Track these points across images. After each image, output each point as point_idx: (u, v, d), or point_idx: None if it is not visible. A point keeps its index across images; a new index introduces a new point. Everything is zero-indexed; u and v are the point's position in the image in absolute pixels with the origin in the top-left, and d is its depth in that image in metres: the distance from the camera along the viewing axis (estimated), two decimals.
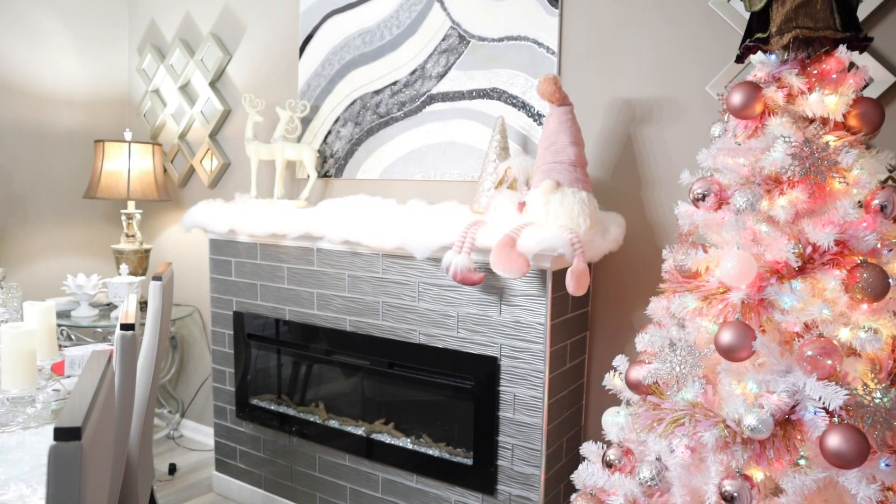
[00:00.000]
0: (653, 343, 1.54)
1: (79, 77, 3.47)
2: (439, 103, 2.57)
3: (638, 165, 2.21)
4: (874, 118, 1.40)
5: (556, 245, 1.86)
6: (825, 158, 1.34)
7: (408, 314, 2.27)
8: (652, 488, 1.46)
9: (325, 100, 2.88)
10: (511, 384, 2.06)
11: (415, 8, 2.62)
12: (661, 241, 2.16)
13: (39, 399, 1.76)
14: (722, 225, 1.48)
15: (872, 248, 1.35)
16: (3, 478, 1.35)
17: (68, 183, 3.44)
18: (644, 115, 2.18)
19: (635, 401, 1.60)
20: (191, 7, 3.36)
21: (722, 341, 1.36)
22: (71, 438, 0.94)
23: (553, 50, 2.31)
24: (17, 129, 3.24)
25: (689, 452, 1.39)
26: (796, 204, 1.38)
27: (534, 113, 2.35)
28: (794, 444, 1.30)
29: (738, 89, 1.46)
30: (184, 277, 3.48)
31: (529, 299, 2.00)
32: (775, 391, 1.32)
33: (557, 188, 1.94)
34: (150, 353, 2.00)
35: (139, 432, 1.94)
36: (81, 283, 2.99)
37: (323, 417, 2.56)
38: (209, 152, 3.30)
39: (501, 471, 2.11)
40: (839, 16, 1.40)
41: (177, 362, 3.53)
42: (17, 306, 2.25)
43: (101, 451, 1.16)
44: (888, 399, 1.24)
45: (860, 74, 1.42)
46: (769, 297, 1.37)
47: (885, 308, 1.34)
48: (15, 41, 3.20)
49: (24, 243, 3.30)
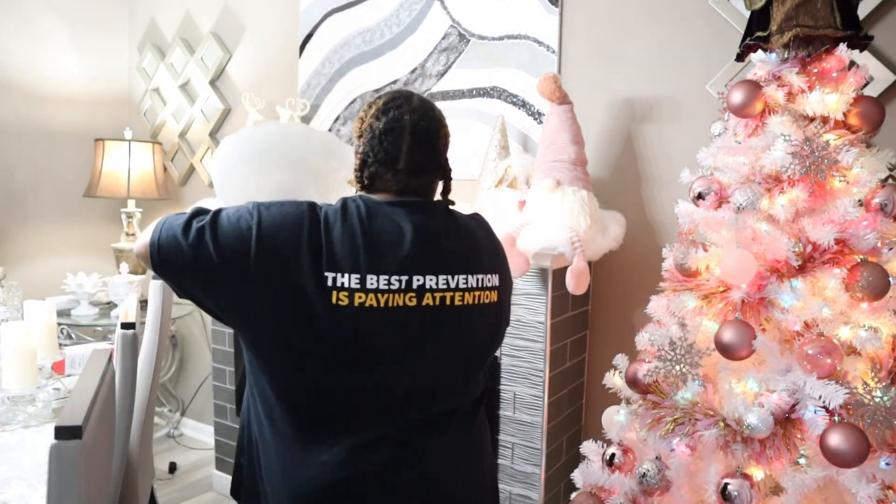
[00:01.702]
0: (653, 342, 1.54)
1: (79, 76, 3.46)
2: (439, 102, 2.57)
3: (638, 164, 2.21)
4: (874, 117, 1.40)
5: (556, 244, 1.85)
6: (825, 157, 1.34)
7: None
8: (652, 487, 1.46)
9: (325, 98, 2.88)
10: (511, 383, 2.07)
11: (415, 6, 2.61)
12: (662, 239, 2.16)
13: (40, 398, 1.76)
14: (722, 223, 1.48)
15: (873, 246, 1.35)
16: (4, 476, 1.35)
17: (68, 182, 3.44)
18: (644, 113, 2.18)
19: (635, 399, 1.60)
20: (191, 6, 3.36)
21: (722, 340, 1.36)
22: (71, 437, 0.95)
23: (553, 49, 2.31)
24: (18, 128, 3.24)
25: (689, 451, 1.39)
26: (796, 202, 1.38)
27: (534, 112, 2.35)
28: (794, 443, 1.30)
29: (738, 88, 1.46)
30: None
31: (529, 298, 2.00)
32: (775, 390, 1.32)
33: (557, 187, 1.94)
34: (150, 352, 2.00)
35: (139, 431, 1.94)
36: (82, 282, 2.99)
37: None
38: (209, 151, 3.30)
39: (502, 469, 2.11)
40: (839, 14, 1.40)
41: (177, 361, 3.53)
42: (17, 305, 2.25)
43: (102, 450, 1.16)
44: (888, 398, 1.24)
45: (860, 73, 1.42)
46: (769, 295, 1.37)
47: (885, 307, 1.34)
48: (15, 40, 3.20)
49: (24, 242, 3.30)
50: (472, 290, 1.14)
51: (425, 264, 1.10)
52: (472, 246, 1.18)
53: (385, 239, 1.09)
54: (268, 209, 1.09)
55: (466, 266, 1.14)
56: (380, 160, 1.13)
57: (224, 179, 1.50)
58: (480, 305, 1.15)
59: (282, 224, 1.06)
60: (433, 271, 1.10)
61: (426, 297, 1.10)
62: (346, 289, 1.04)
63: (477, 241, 1.19)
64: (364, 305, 1.05)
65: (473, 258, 1.16)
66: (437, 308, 1.10)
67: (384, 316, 1.07)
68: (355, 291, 1.05)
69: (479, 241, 1.20)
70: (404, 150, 1.13)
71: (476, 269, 1.15)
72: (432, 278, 1.10)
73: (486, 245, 1.21)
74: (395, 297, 1.07)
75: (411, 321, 1.09)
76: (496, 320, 1.21)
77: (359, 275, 1.05)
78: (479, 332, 1.19)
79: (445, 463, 1.17)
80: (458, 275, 1.12)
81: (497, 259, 1.22)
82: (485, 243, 1.21)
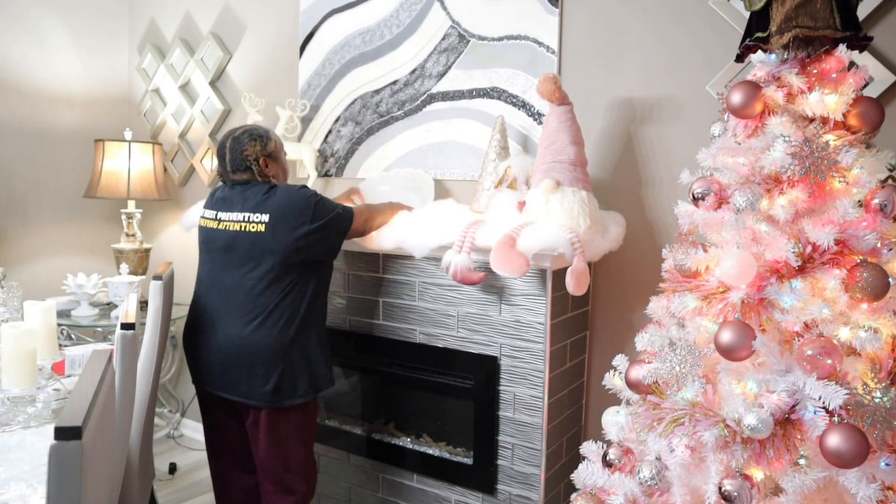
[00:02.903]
0: (653, 342, 1.54)
1: (79, 76, 3.47)
2: (439, 102, 2.57)
3: (638, 165, 2.21)
4: (874, 117, 1.40)
5: (556, 244, 1.86)
6: (825, 158, 1.34)
7: (408, 313, 2.27)
8: (652, 488, 1.46)
9: (325, 99, 2.88)
10: (511, 384, 2.06)
11: (415, 7, 2.61)
12: (661, 240, 2.16)
13: (40, 398, 1.76)
14: (722, 224, 1.48)
15: (872, 247, 1.35)
16: (4, 477, 1.35)
17: (68, 182, 3.44)
18: (644, 114, 2.19)
19: (635, 400, 1.60)
20: (191, 6, 3.36)
21: (722, 341, 1.36)
22: (71, 438, 0.95)
23: (553, 49, 2.31)
24: (17, 129, 3.24)
25: (689, 452, 1.39)
26: (796, 203, 1.38)
27: (534, 112, 2.35)
28: (794, 444, 1.30)
29: (737, 88, 1.46)
30: (184, 277, 3.48)
31: (529, 299, 2.00)
32: (775, 391, 1.32)
33: (557, 187, 1.94)
34: (150, 353, 2.01)
35: (139, 431, 1.94)
36: (82, 283, 2.99)
37: (322, 417, 2.56)
38: (209, 151, 3.30)
39: (501, 470, 2.11)
40: (839, 15, 1.40)
41: (177, 361, 3.53)
42: (17, 306, 2.25)
43: (102, 451, 1.16)
44: (888, 398, 1.24)
45: (860, 74, 1.41)
46: (769, 296, 1.37)
47: (884, 307, 1.34)
48: (15, 40, 3.21)
49: (24, 243, 3.30)
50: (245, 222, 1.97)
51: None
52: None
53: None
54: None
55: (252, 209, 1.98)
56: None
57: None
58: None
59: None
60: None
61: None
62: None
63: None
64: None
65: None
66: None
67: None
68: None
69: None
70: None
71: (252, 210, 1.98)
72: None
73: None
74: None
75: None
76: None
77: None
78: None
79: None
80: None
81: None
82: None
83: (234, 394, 1.97)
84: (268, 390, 1.92)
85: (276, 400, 1.94)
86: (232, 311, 1.95)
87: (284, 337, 1.94)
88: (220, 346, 1.96)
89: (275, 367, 1.93)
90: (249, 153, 2.01)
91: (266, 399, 1.93)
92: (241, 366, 1.93)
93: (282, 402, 1.94)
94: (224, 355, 1.95)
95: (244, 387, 1.94)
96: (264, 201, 1.95)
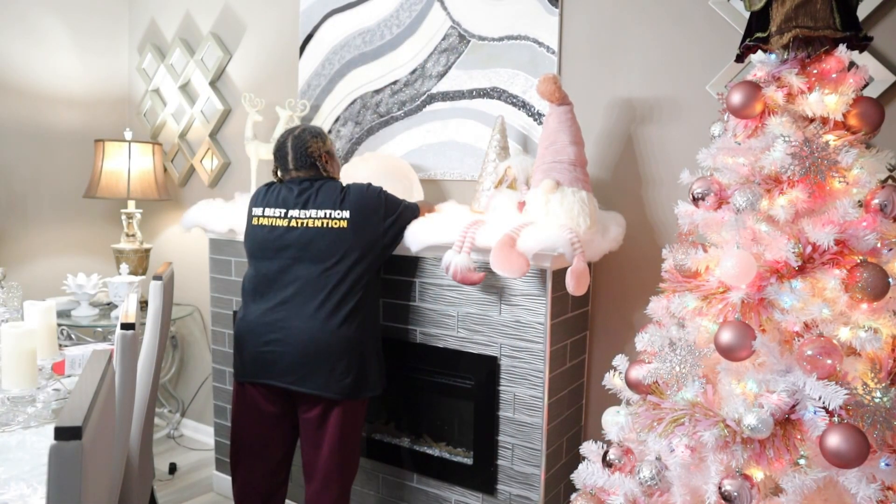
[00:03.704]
0: (653, 342, 1.54)
1: (79, 76, 3.47)
2: (439, 103, 2.57)
3: (638, 165, 2.21)
4: (874, 117, 1.40)
5: (555, 244, 1.86)
6: (825, 158, 1.34)
7: (408, 314, 2.27)
8: (652, 488, 1.46)
9: (325, 99, 2.88)
10: (511, 384, 2.06)
11: (415, 7, 2.61)
12: (661, 240, 2.16)
13: (40, 398, 1.76)
14: (722, 224, 1.48)
15: (872, 247, 1.35)
16: (4, 477, 1.35)
17: (68, 182, 3.44)
18: (644, 114, 2.18)
19: (635, 400, 1.60)
20: (191, 6, 3.36)
21: (722, 341, 1.36)
22: (71, 438, 0.95)
23: (553, 49, 2.31)
24: (17, 129, 3.24)
25: (689, 452, 1.39)
26: (796, 203, 1.38)
27: (534, 112, 2.35)
28: (794, 444, 1.30)
29: (737, 89, 1.46)
30: (184, 277, 3.48)
31: (529, 299, 2.00)
32: (775, 391, 1.32)
33: (557, 187, 1.94)
34: (150, 353, 2.01)
35: (139, 432, 1.94)
36: (82, 283, 2.99)
37: None
38: (209, 152, 3.30)
39: (501, 470, 2.11)
40: (839, 15, 1.40)
41: (177, 362, 3.53)
42: (17, 306, 2.25)
43: (102, 451, 1.16)
44: (888, 398, 1.24)
45: (860, 74, 1.41)
46: (769, 296, 1.37)
47: (884, 307, 1.34)
48: (15, 40, 3.21)
49: (24, 243, 3.30)
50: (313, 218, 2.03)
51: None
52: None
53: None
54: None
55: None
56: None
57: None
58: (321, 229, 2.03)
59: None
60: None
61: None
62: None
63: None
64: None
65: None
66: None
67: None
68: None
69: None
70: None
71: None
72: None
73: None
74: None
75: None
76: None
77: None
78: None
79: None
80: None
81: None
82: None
83: (309, 387, 1.98)
84: (347, 383, 1.97)
85: (354, 392, 2.00)
86: (309, 306, 1.98)
87: (362, 331, 2.02)
88: (298, 341, 1.97)
89: (354, 360, 1.99)
90: (314, 150, 2.06)
91: (346, 391, 1.98)
92: (322, 359, 1.96)
93: (359, 394, 2.01)
94: (303, 348, 1.97)
95: (321, 379, 1.97)
96: (343, 198, 2.01)
